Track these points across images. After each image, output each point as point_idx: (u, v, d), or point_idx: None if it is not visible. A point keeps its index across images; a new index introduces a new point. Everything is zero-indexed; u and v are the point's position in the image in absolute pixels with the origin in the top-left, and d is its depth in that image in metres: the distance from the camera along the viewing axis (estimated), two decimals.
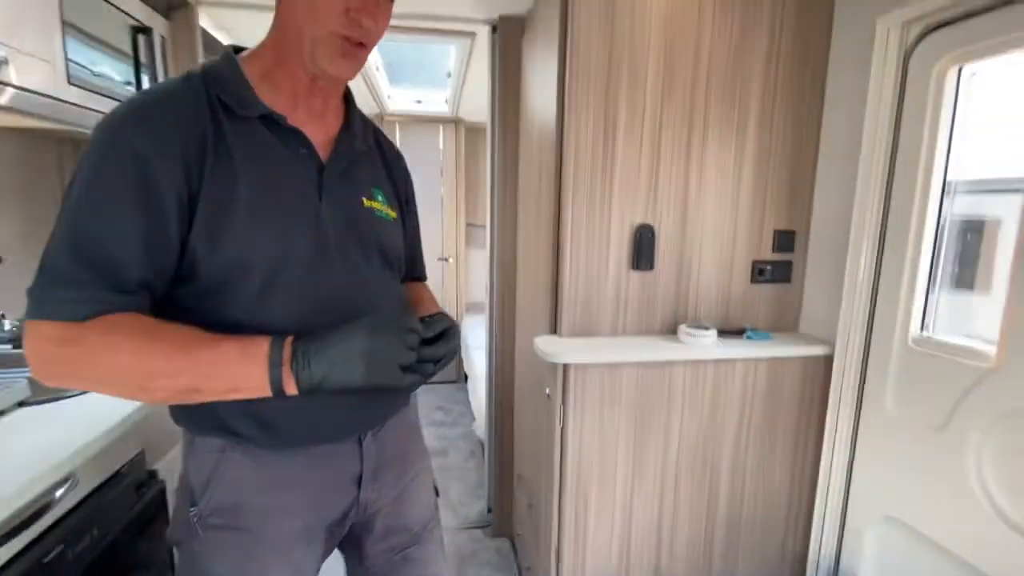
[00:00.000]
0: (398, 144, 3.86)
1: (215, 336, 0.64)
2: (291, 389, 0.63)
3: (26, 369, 0.93)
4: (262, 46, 0.75)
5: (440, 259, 4.48)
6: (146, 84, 1.78)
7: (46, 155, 1.92)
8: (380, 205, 0.83)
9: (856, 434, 1.53)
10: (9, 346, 1.47)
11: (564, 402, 1.47)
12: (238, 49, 0.76)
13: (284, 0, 0.71)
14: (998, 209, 1.29)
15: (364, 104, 3.79)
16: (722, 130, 1.57)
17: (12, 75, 1.23)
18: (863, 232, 1.46)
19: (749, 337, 1.60)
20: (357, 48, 0.71)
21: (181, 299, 0.69)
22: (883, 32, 1.37)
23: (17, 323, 1.52)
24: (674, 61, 1.52)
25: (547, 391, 1.56)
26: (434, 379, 3.74)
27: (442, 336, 0.71)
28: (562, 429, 1.49)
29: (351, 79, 0.76)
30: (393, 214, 0.86)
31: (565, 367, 1.44)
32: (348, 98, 0.85)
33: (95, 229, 0.61)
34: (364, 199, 0.81)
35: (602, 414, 1.50)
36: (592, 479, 1.54)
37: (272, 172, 0.71)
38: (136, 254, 0.62)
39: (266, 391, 0.63)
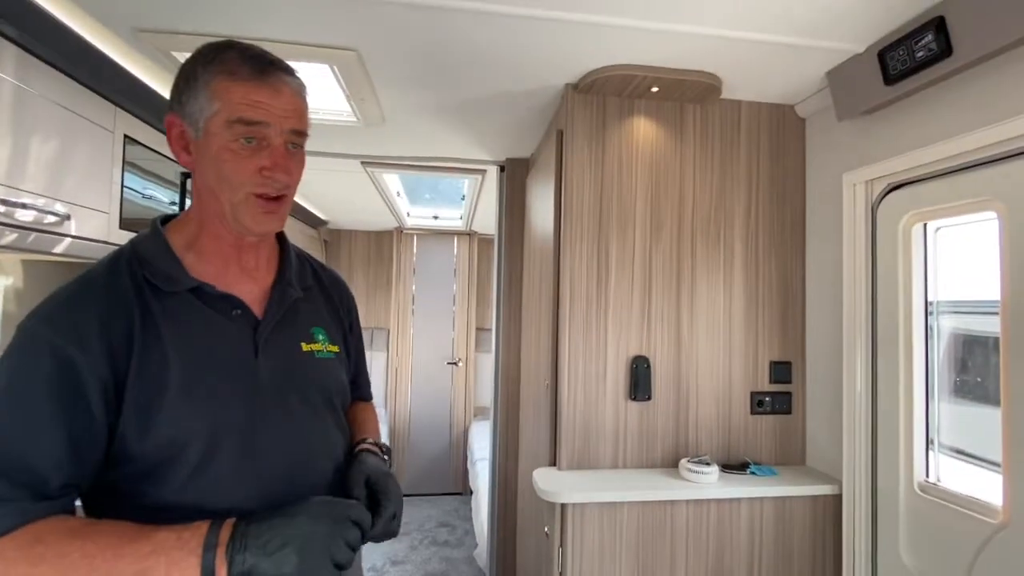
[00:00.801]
0: (415, 254, 4.07)
1: (147, 528, 0.60)
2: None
3: None
4: (186, 215, 0.76)
5: (450, 363, 4.53)
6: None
7: None
8: (320, 345, 0.82)
9: None
10: None
11: (563, 543, 1.43)
12: (168, 218, 0.76)
13: (196, 171, 0.71)
14: None
15: (384, 221, 4.11)
16: (710, 267, 1.68)
17: (72, 228, 1.40)
18: (855, 364, 1.49)
19: (753, 472, 1.57)
20: (277, 203, 0.72)
21: (115, 483, 0.65)
22: (850, 186, 1.51)
23: None
24: (660, 204, 1.66)
25: (546, 529, 1.52)
26: (439, 492, 3.61)
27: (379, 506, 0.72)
28: (561, 573, 1.43)
29: (276, 232, 0.79)
30: (335, 348, 0.84)
31: (563, 507, 1.42)
32: (283, 246, 0.85)
33: (12, 440, 0.59)
34: (303, 344, 0.79)
35: (602, 555, 1.45)
36: None
37: (204, 342, 0.70)
38: (57, 459, 0.60)
39: None
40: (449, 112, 1.89)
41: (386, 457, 0.86)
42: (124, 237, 1.61)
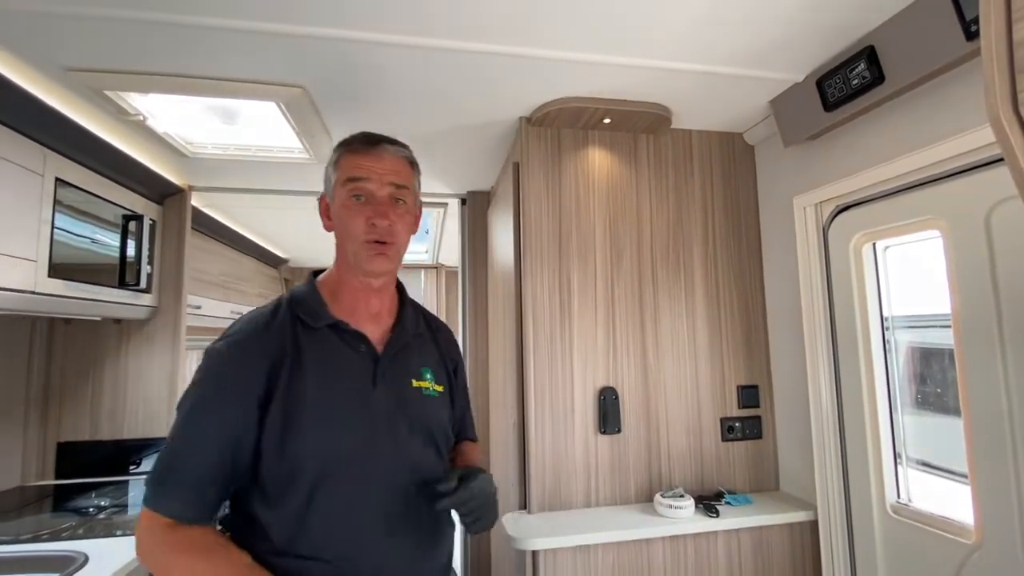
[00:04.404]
0: None
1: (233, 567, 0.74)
2: None
3: None
4: (331, 270, 0.93)
5: None
6: (131, 254, 1.88)
7: (17, 333, 1.95)
8: (428, 383, 0.94)
9: None
10: None
11: None
12: (318, 271, 0.95)
13: (335, 232, 0.90)
14: None
15: None
16: (671, 293, 1.67)
17: None
18: (819, 383, 1.48)
19: (728, 502, 1.53)
20: (384, 247, 0.87)
21: (248, 506, 0.79)
22: (800, 209, 1.54)
23: None
24: (619, 233, 1.66)
25: None
26: None
27: None
28: None
29: (387, 273, 0.91)
30: (440, 388, 0.96)
31: (535, 553, 1.34)
32: (402, 296, 1.00)
33: (194, 443, 0.76)
34: (413, 381, 0.91)
35: None
36: None
37: (336, 369, 0.84)
38: (214, 471, 0.76)
39: None
40: None
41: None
42: (54, 287, 1.50)
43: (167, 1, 1.07)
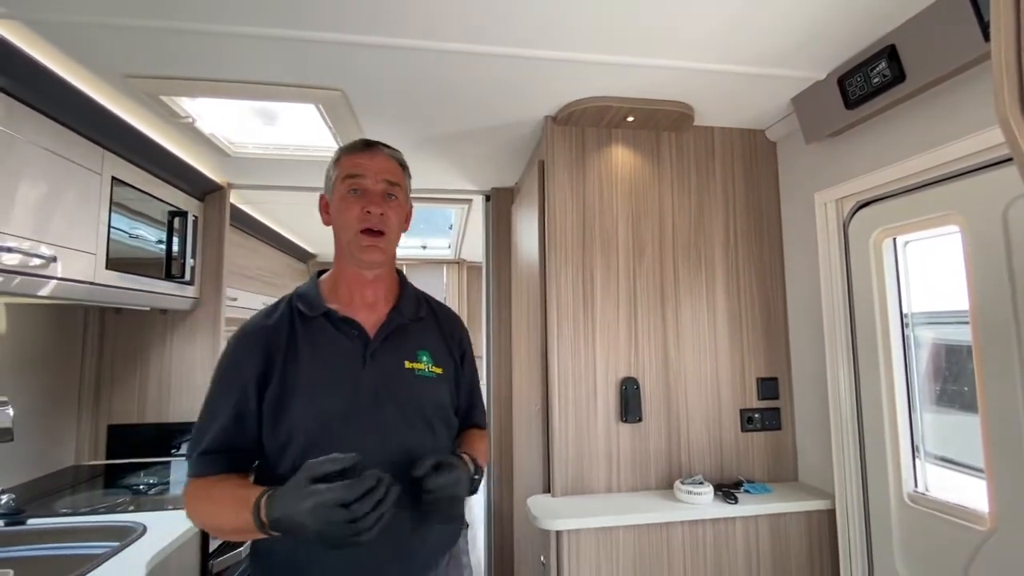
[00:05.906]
0: None
1: (241, 489, 0.84)
2: (264, 525, 0.79)
3: None
4: (333, 268, 1.02)
5: None
6: (176, 248, 2.00)
7: (72, 323, 2.08)
8: (423, 365, 0.99)
9: None
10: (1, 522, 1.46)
11: (559, 571, 1.41)
12: (323, 271, 1.05)
13: (334, 224, 0.98)
14: None
15: None
16: (693, 287, 1.71)
17: (58, 269, 1.40)
18: (838, 378, 1.51)
19: (747, 490, 1.57)
20: (376, 236, 0.94)
21: (261, 469, 0.92)
22: (821, 205, 1.56)
23: (13, 501, 1.51)
24: (641, 229, 1.70)
25: (542, 558, 1.50)
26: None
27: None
28: None
29: (380, 264, 0.98)
30: (439, 370, 1.01)
31: (558, 534, 1.41)
32: (403, 285, 1.06)
33: (209, 418, 0.90)
34: (406, 362, 0.97)
35: None
36: None
37: (328, 354, 0.93)
38: (225, 438, 0.89)
39: (255, 529, 0.79)
40: (434, 145, 1.94)
41: (476, 476, 0.96)
42: (110, 278, 1.61)
43: (219, 13, 1.15)
